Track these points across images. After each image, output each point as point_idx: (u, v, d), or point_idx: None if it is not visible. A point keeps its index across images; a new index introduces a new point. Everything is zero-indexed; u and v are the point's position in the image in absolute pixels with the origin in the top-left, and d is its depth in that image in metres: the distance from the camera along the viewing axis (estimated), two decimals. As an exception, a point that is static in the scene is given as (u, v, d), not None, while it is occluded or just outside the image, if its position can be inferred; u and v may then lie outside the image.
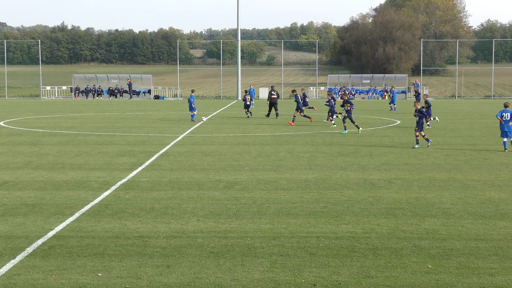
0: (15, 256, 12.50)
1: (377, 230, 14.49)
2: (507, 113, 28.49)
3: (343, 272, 11.54)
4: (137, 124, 43.51)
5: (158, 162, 25.34)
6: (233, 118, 49.54)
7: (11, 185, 20.22)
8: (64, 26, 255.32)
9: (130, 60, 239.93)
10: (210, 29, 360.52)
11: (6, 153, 28.14)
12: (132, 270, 11.67)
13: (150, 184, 20.38)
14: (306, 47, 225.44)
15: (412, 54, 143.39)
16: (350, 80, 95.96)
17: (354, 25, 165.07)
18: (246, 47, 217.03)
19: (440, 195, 18.62)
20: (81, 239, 13.70)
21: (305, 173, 22.61)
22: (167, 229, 14.60)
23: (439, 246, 13.19)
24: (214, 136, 35.53)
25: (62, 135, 36.24)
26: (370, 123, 45.07)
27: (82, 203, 17.39)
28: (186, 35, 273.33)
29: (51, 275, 11.37)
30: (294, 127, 41.16)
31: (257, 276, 11.37)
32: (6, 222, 15.25)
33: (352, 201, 17.72)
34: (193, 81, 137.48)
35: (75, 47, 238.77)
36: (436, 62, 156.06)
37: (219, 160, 25.74)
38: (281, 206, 17.06)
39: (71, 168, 23.63)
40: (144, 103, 77.04)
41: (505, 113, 28.52)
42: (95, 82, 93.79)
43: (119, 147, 30.10)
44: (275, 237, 13.92)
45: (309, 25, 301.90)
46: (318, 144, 31.65)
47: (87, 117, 50.60)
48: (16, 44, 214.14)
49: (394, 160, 25.86)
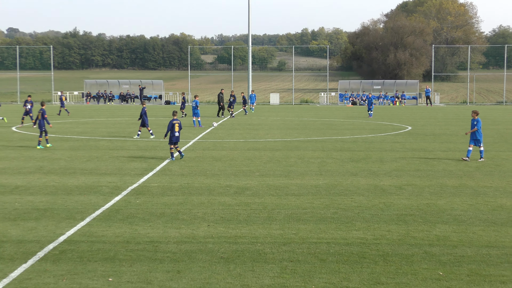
0: (26, 260, 12.55)
1: (388, 237, 14.45)
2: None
3: (353, 279, 11.52)
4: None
5: (169, 167, 25.38)
6: (243, 124, 49.57)
7: (23, 189, 20.30)
8: (76, 32, 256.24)
9: (141, 65, 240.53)
10: (221, 35, 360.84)
11: (18, 158, 28.26)
12: (143, 275, 11.69)
13: (160, 189, 20.42)
14: (317, 52, 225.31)
15: (423, 60, 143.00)
16: (361, 86, 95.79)
17: (365, 30, 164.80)
18: (257, 53, 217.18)
19: (451, 202, 18.57)
20: (92, 244, 13.73)
21: (315, 178, 22.59)
22: (177, 234, 14.62)
23: (450, 253, 13.14)
24: (224, 141, 35.55)
25: (73, 140, 36.37)
26: (381, 129, 45.00)
27: (93, 208, 17.44)
28: (197, 41, 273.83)
29: (62, 280, 11.41)
30: (305, 133, 41.13)
31: (267, 282, 11.36)
32: (18, 227, 15.31)
33: (363, 207, 17.69)
34: (204, 87, 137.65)
35: (87, 53, 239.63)
36: (447, 68, 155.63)
37: (230, 166, 25.76)
38: (291, 212, 17.05)
39: (82, 173, 23.71)
40: (155, 108, 77.19)
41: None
42: (107, 88, 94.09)
43: (130, 152, 30.17)
44: (286, 243, 13.91)
45: (320, 31, 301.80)
46: (328, 149, 31.62)
47: (99, 123, 50.75)
48: (29, 50, 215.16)
49: (405, 166, 25.80)
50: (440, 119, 56.07)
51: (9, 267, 12.10)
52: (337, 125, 49.04)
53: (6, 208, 17.52)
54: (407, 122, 52.24)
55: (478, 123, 27.64)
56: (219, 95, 59.69)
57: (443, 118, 57.54)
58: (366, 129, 44.41)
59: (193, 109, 46.76)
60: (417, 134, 40.84)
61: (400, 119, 56.56)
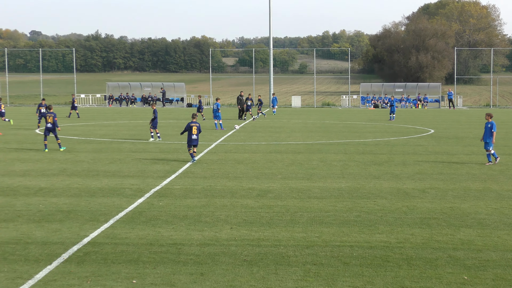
0: (51, 262, 12.63)
1: (411, 240, 14.39)
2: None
3: (377, 282, 11.48)
4: (170, 132, 43.72)
5: (191, 170, 25.44)
6: (265, 127, 49.58)
7: (47, 191, 20.45)
8: (98, 35, 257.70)
9: (163, 68, 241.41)
10: (242, 38, 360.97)
11: (41, 160, 28.46)
12: (166, 277, 11.73)
13: (183, 191, 20.47)
14: (338, 55, 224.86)
15: (445, 62, 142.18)
16: (383, 88, 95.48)
17: (386, 33, 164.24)
18: (278, 56, 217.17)
19: (475, 205, 18.44)
20: (116, 246, 13.80)
21: (338, 181, 22.54)
22: (200, 236, 14.65)
23: (474, 257, 13.06)
24: (246, 144, 35.57)
25: (96, 142, 36.57)
26: (403, 132, 44.82)
27: (116, 210, 17.52)
28: (218, 44, 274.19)
29: (86, 281, 11.48)
30: (327, 136, 41.06)
31: (291, 284, 11.35)
32: (43, 228, 15.42)
33: (386, 211, 17.62)
34: (225, 89, 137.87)
35: (109, 55, 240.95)
36: (470, 71, 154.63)
37: (252, 168, 25.77)
38: (314, 215, 17.03)
39: (105, 175, 23.83)
40: (177, 111, 77.43)
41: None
42: (129, 90, 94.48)
43: (152, 155, 30.28)
44: (308, 245, 13.89)
45: (341, 34, 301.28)
46: (351, 152, 31.53)
47: (121, 125, 50.99)
48: (51, 53, 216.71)
49: (428, 170, 25.68)
50: (463, 122, 55.72)
51: (34, 269, 12.19)
52: (359, 128, 48.89)
53: (31, 210, 17.66)
54: (430, 125, 51.97)
55: (493, 126, 27.34)
56: (239, 97, 60.08)
57: (466, 121, 57.18)
58: (389, 132, 44.25)
59: (214, 112, 46.84)
60: (439, 137, 40.61)
61: (422, 122, 56.28)
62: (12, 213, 17.25)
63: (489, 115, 27.53)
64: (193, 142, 27.46)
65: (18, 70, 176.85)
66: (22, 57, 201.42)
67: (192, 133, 27.45)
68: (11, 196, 19.65)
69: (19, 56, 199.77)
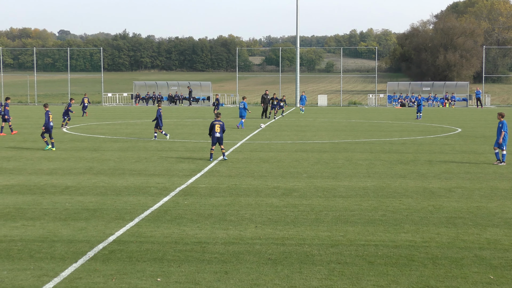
0: (77, 260, 12.72)
1: (437, 239, 14.29)
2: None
3: (402, 281, 11.42)
4: (196, 131, 43.86)
5: (217, 168, 25.49)
6: (291, 125, 49.53)
7: (73, 190, 20.60)
8: (126, 34, 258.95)
9: (189, 67, 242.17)
10: (269, 36, 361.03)
11: (68, 158, 28.69)
12: (191, 275, 11.76)
13: (208, 190, 20.52)
14: (365, 54, 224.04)
15: (473, 61, 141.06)
16: (410, 87, 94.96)
17: (414, 32, 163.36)
18: (305, 54, 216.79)
19: (503, 205, 18.27)
20: (141, 244, 13.86)
21: (363, 180, 22.46)
22: (225, 235, 14.67)
23: (501, 257, 12.94)
24: (272, 143, 35.56)
25: (122, 141, 36.78)
26: (430, 131, 44.54)
27: (141, 209, 17.61)
28: (245, 42, 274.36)
29: (112, 279, 11.54)
30: (353, 135, 40.93)
31: (315, 283, 11.33)
32: (69, 227, 15.54)
33: (412, 210, 17.52)
34: (251, 88, 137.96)
35: (136, 55, 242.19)
36: (498, 70, 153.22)
37: (277, 167, 25.76)
38: (339, 214, 16.98)
39: (131, 174, 23.96)
40: (203, 109, 77.62)
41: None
42: (155, 89, 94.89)
43: (178, 153, 30.39)
44: (333, 244, 13.86)
45: (368, 32, 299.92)
46: (377, 151, 31.40)
47: (147, 124, 51.18)
48: (79, 52, 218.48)
49: (455, 169, 25.49)
50: (491, 121, 55.20)
51: (60, 267, 12.29)
52: (386, 127, 48.67)
53: (57, 208, 17.80)
54: (457, 124, 51.60)
55: (504, 125, 27.05)
56: (263, 96, 60.22)
57: (494, 120, 56.56)
58: (415, 131, 44.00)
59: (240, 110, 46.95)
60: (467, 136, 40.29)
61: (449, 121, 55.89)
62: (38, 211, 17.41)
63: (500, 115, 27.30)
64: (215, 140, 27.58)
65: (46, 69, 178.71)
66: (51, 56, 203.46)
67: (215, 131, 27.57)
68: (38, 195, 19.82)
69: (48, 55, 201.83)
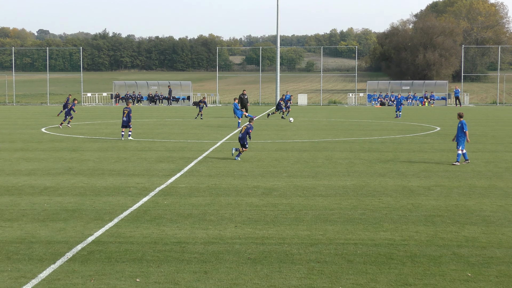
0: (55, 261, 12.65)
1: (416, 238, 14.36)
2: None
3: (381, 280, 11.47)
4: (176, 131, 43.78)
5: (197, 168, 25.46)
6: (271, 125, 49.56)
7: (52, 190, 20.49)
8: (106, 33, 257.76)
9: (170, 66, 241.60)
10: (249, 36, 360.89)
11: (47, 159, 28.52)
12: (170, 275, 11.74)
13: (188, 190, 20.48)
14: (345, 53, 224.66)
15: (453, 60, 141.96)
16: (389, 86, 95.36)
17: (394, 31, 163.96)
18: (285, 54, 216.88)
19: (480, 203, 18.40)
20: (120, 245, 13.81)
21: (343, 179, 22.52)
22: (205, 235, 14.65)
23: (478, 254, 13.03)
24: (252, 142, 35.53)
25: (102, 141, 36.63)
26: (409, 129, 44.74)
27: (121, 209, 17.54)
28: (225, 42, 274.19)
29: (90, 280, 11.49)
30: (333, 134, 41.03)
31: (294, 282, 11.35)
32: (47, 227, 15.45)
33: (391, 208, 17.60)
34: (232, 88, 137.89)
35: (116, 54, 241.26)
36: (477, 69, 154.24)
37: (258, 167, 25.77)
38: (319, 213, 17.02)
39: (110, 174, 23.86)
40: (183, 109, 77.48)
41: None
42: (135, 89, 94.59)
43: (158, 153, 30.31)
44: (313, 243, 13.89)
45: (348, 31, 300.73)
46: (356, 150, 31.50)
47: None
48: (58, 52, 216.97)
49: (434, 167, 25.64)
50: (469, 120, 55.47)
51: (38, 268, 12.21)
52: (365, 125, 48.85)
53: (36, 209, 17.69)
54: (436, 122, 51.88)
55: (464, 125, 27.38)
56: (241, 96, 57.10)
57: (473, 119, 56.99)
58: (395, 130, 44.19)
59: (234, 111, 48.76)
60: (446, 134, 40.52)
61: (429, 119, 56.19)
62: (16, 212, 17.29)
63: (459, 115, 27.88)
64: (239, 140, 28.37)
65: (25, 69, 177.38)
66: (29, 56, 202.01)
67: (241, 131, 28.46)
68: (16, 195, 19.69)
69: (26, 55, 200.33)
